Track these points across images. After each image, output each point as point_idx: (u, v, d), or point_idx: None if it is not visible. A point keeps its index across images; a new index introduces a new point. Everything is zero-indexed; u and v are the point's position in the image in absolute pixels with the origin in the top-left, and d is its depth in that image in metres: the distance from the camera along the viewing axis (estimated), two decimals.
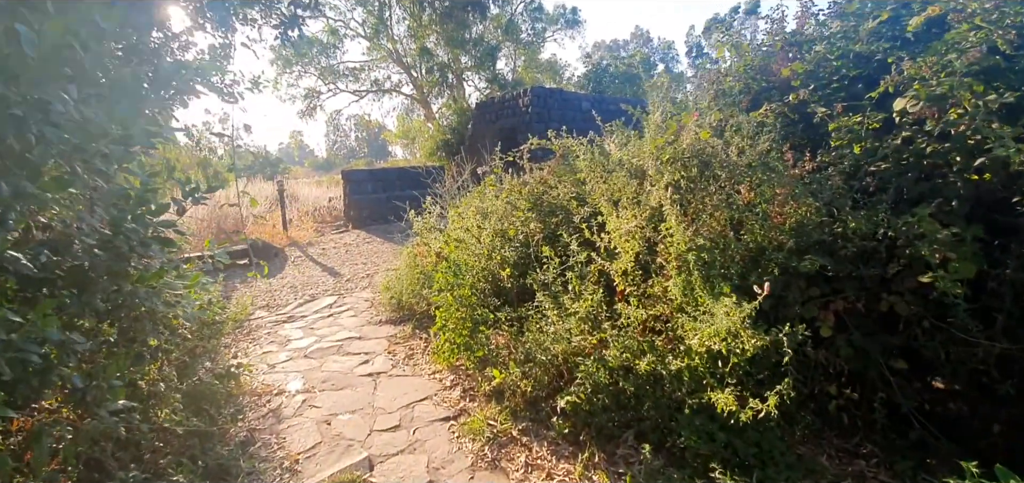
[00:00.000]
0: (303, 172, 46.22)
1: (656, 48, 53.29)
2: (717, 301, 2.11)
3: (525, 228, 4.10)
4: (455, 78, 24.70)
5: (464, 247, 4.13)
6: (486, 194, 4.59)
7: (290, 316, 5.10)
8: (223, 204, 12.42)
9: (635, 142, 3.10)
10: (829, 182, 2.28)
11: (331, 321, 4.82)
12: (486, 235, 4.10)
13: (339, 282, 6.63)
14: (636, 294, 2.73)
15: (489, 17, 23.95)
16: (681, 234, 2.26)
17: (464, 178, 6.65)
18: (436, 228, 4.37)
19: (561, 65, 30.85)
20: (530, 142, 4.32)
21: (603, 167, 3.23)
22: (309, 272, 7.48)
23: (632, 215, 2.71)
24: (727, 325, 1.97)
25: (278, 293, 6.32)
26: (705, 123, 2.56)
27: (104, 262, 1.65)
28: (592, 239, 3.17)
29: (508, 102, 14.21)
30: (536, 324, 3.30)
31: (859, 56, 2.64)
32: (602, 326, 2.82)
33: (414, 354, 3.82)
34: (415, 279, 4.89)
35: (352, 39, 25.54)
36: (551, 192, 4.34)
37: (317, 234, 11.23)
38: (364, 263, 7.80)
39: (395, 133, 28.94)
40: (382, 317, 4.79)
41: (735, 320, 1.94)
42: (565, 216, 3.96)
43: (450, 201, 6.26)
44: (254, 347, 4.24)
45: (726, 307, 2.03)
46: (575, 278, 3.12)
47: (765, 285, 1.83)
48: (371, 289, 6.10)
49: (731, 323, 1.94)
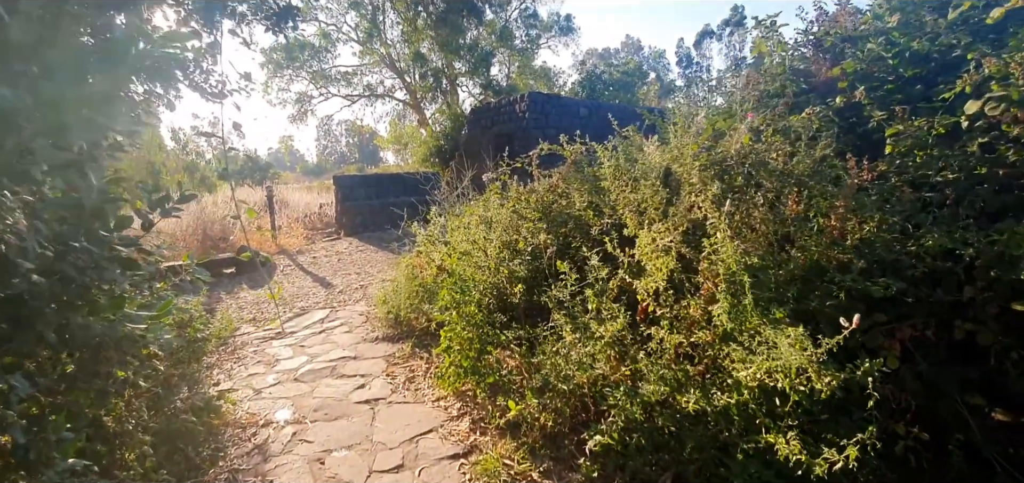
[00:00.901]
0: (293, 177, 45.60)
1: (647, 57, 53.64)
2: (776, 329, 1.83)
3: (534, 240, 3.81)
4: (449, 84, 24.44)
5: (469, 260, 3.83)
6: (490, 202, 4.29)
7: (279, 332, 4.75)
8: (211, 210, 12.02)
9: (675, 144, 2.82)
10: (899, 194, 2.02)
11: (323, 338, 4.48)
12: (493, 247, 3.80)
13: (331, 294, 6.28)
14: (668, 316, 2.45)
15: (484, 22, 23.75)
16: (732, 251, 1.98)
17: (464, 185, 6.35)
18: (439, 240, 4.06)
19: (555, 72, 30.74)
20: (540, 147, 4.03)
21: (629, 174, 2.95)
22: (299, 282, 7.12)
23: (666, 228, 2.42)
24: (796, 361, 1.68)
25: (266, 306, 5.95)
26: (742, 127, 2.29)
27: (47, 289, 1.33)
28: (614, 254, 2.88)
29: (504, 107, 13.95)
30: (551, 346, 3.01)
31: (916, 55, 2.39)
32: (630, 352, 2.53)
33: (415, 377, 3.50)
34: (414, 292, 4.57)
35: (345, 43, 25.25)
36: (561, 201, 4.06)
37: (308, 242, 10.85)
38: (358, 273, 7.45)
39: (387, 138, 28.59)
40: (378, 333, 4.46)
41: (807, 356, 1.65)
42: (579, 227, 3.68)
43: (449, 209, 5.96)
44: (239, 368, 3.88)
45: (790, 338, 1.74)
46: (594, 296, 2.83)
47: (855, 318, 1.55)
48: (366, 302, 5.76)
49: (802, 359, 1.65)
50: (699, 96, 44.29)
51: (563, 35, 29.86)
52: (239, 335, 4.75)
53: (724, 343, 2.12)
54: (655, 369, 2.24)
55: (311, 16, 23.93)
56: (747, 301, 1.94)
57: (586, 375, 2.51)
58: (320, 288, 6.63)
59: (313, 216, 13.56)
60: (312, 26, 24.13)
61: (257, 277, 7.71)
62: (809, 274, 2.12)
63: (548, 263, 3.42)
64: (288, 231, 11.95)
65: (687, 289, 2.48)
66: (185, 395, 2.77)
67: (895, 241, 1.94)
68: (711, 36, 49.77)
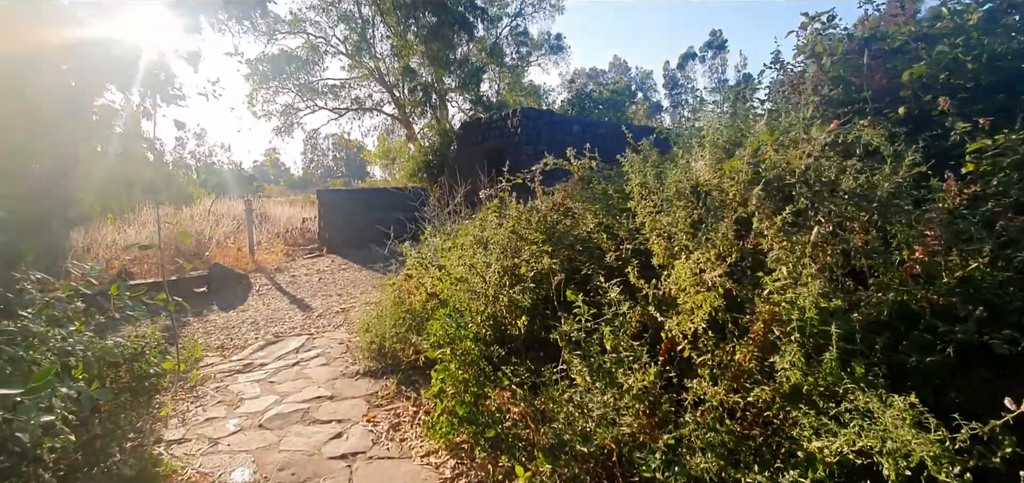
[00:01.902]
0: (278, 190, 44.73)
1: (634, 77, 54.27)
2: (871, 393, 1.42)
3: (537, 264, 3.39)
4: (438, 99, 24.12)
5: (464, 287, 3.39)
6: (488, 222, 3.87)
7: (247, 364, 4.22)
8: (187, 224, 11.39)
9: (710, 160, 2.43)
10: (1007, 221, 1.64)
11: (297, 372, 3.97)
12: (492, 273, 3.37)
13: (309, 318, 5.76)
14: (710, 364, 2.03)
15: (475, 38, 23.58)
16: (815, 291, 1.57)
17: (456, 202, 5.92)
18: (431, 263, 3.61)
19: (545, 90, 30.69)
20: (544, 161, 3.63)
21: (659, 194, 2.54)
22: (275, 304, 6.58)
23: (708, 258, 2.02)
24: (913, 443, 1.26)
25: (237, 330, 5.41)
26: (821, 137, 1.91)
27: None
28: (637, 284, 2.47)
29: (495, 123, 13.63)
30: (562, 391, 2.57)
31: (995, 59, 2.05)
32: (662, 407, 2.10)
33: (401, 423, 3.02)
34: (401, 319, 4.09)
35: (333, 56, 24.81)
36: (566, 221, 3.65)
37: (287, 259, 10.28)
38: (339, 294, 6.93)
39: (375, 153, 28.09)
40: (359, 367, 3.97)
41: (930, 441, 1.24)
42: (589, 251, 3.26)
43: (441, 227, 5.52)
44: (196, 410, 3.36)
45: (896, 408, 1.33)
46: (610, 332, 2.41)
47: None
48: (346, 328, 5.26)
49: (927, 446, 1.24)
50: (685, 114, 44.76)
51: (553, 54, 29.86)
52: (202, 366, 4.21)
53: (791, 404, 1.70)
54: (701, 434, 1.81)
55: (300, 29, 23.55)
56: (830, 355, 1.53)
57: (610, 434, 2.07)
58: (297, 311, 6.10)
59: (295, 231, 12.99)
60: (300, 38, 23.73)
61: (231, 297, 7.16)
62: (893, 320, 1.72)
63: (555, 292, 3.00)
64: (268, 247, 11.37)
65: (730, 331, 2.06)
66: (118, 457, 2.26)
67: (1012, 281, 1.55)
68: (694, 58, 50.53)
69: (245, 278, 8.12)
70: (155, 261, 9.12)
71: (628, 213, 3.14)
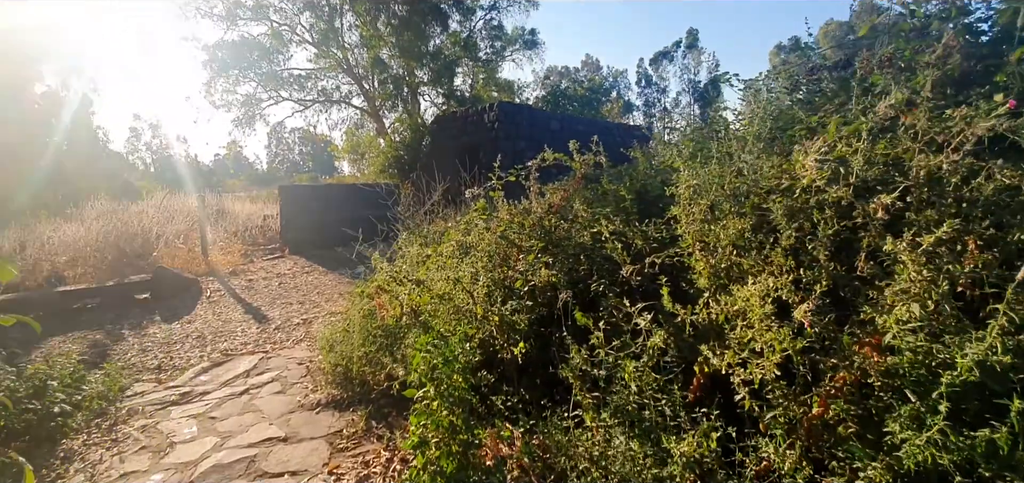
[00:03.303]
0: (240, 185, 42.75)
1: (607, 76, 54.36)
2: None
3: (534, 277, 2.88)
4: (410, 92, 23.28)
5: (449, 305, 2.85)
6: (475, 225, 3.33)
7: (185, 392, 3.56)
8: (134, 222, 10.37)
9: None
10: None
11: (245, 403, 3.34)
12: (480, 287, 2.84)
13: (265, 331, 5.08)
14: (781, 422, 1.56)
15: (449, 31, 22.86)
16: (992, 337, 1.11)
17: (433, 200, 5.34)
18: (408, 278, 3.05)
19: (519, 86, 30.19)
20: (542, 155, 3.12)
21: (707, 196, 2.05)
22: (228, 313, 5.85)
23: (783, 283, 1.54)
24: None
25: (179, 347, 4.70)
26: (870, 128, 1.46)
27: None
28: (673, 310, 1.98)
29: (471, 118, 13.04)
30: (572, 440, 2.09)
31: None
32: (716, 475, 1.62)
33: (371, 477, 2.46)
34: (371, 336, 3.52)
35: (298, 45, 23.64)
36: (563, 225, 3.15)
37: (245, 260, 9.45)
38: (301, 302, 6.24)
39: (343, 148, 27.01)
40: (321, 395, 3.37)
41: None
42: (596, 263, 2.78)
43: (415, 229, 4.94)
44: (111, 460, 2.70)
45: None
46: (633, 369, 1.94)
47: None
48: (308, 343, 4.62)
49: None
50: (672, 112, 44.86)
51: (527, 49, 29.33)
52: (129, 397, 3.52)
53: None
54: None
55: (263, 15, 22.31)
56: (1000, 434, 1.07)
57: None
58: (252, 323, 5.40)
59: (255, 230, 12.08)
60: (263, 25, 22.48)
61: (177, 306, 6.38)
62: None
63: (562, 312, 2.49)
64: (224, 247, 10.47)
65: (801, 376, 1.60)
66: None
67: None
68: (666, 57, 51.01)
69: (195, 283, 7.31)
70: (92, 264, 8.18)
71: (642, 217, 2.66)
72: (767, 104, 2.11)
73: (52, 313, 6.11)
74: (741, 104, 3.44)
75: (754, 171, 1.83)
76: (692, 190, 1.95)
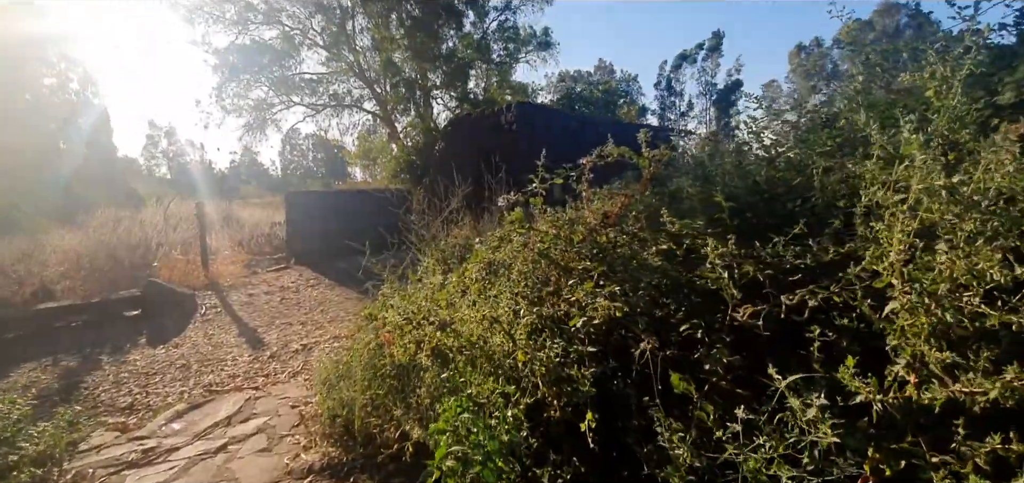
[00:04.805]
0: (254, 191, 42.60)
1: (620, 80, 53.43)
2: None
3: (590, 311, 2.13)
4: (422, 95, 22.70)
5: (481, 355, 2.12)
6: (511, 240, 2.60)
7: (150, 449, 2.87)
8: (136, 230, 9.83)
9: None
10: None
11: (219, 468, 2.64)
12: (522, 327, 2.11)
13: (259, 359, 4.40)
14: None
15: (463, 32, 22.28)
16: None
17: (452, 207, 4.63)
18: (428, 317, 2.33)
19: (533, 88, 29.48)
20: (600, 149, 2.38)
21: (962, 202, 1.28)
22: (220, 335, 5.19)
23: None
24: None
25: (158, 380, 4.04)
26: None
27: None
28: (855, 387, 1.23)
29: (487, 119, 12.35)
30: None
31: None
32: None
33: None
34: (379, 376, 2.81)
35: (309, 48, 23.20)
36: (621, 239, 2.41)
37: (248, 271, 8.83)
38: (302, 322, 5.56)
39: (355, 153, 26.54)
40: (315, 458, 2.66)
41: None
42: (682, 295, 2.04)
43: (431, 241, 4.22)
44: None
45: None
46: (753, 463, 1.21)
47: None
48: (306, 376, 3.93)
49: None
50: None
51: (541, 50, 28.61)
52: (82, 453, 2.85)
53: None
54: None
55: (274, 19, 21.96)
56: None
57: None
58: (245, 348, 4.73)
59: (261, 237, 11.51)
60: (274, 29, 22.12)
61: (167, 325, 5.74)
62: None
63: (651, 367, 1.74)
64: (229, 256, 9.89)
65: None
66: None
67: None
68: (687, 60, 49.98)
69: (190, 298, 6.68)
70: (84, 277, 7.62)
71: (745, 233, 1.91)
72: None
73: (31, 333, 5.51)
74: (758, 113, 2.70)
75: None
76: (926, 194, 1.17)
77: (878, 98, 2.25)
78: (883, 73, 2.20)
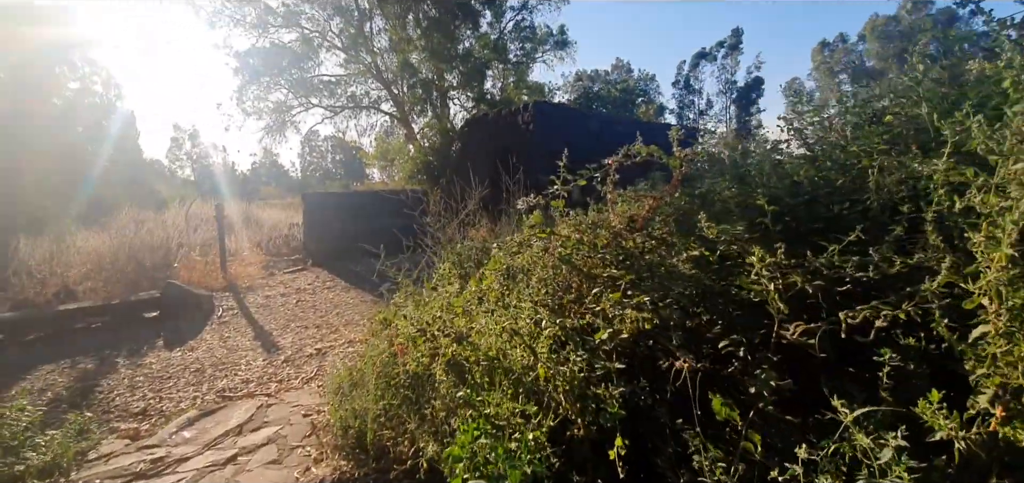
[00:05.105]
0: (275, 192, 43.23)
1: (638, 79, 52.81)
2: None
3: (617, 323, 1.96)
4: (439, 96, 22.69)
5: (500, 371, 1.98)
6: (530, 245, 2.46)
7: (159, 458, 2.80)
8: (158, 232, 9.95)
9: None
10: None
11: (230, 478, 2.55)
12: (544, 340, 1.97)
13: (273, 364, 4.33)
14: None
15: (479, 32, 22.21)
16: None
17: (468, 209, 4.50)
18: (444, 331, 2.21)
19: (550, 88, 29.26)
20: (627, 149, 2.22)
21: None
22: (235, 339, 5.16)
23: None
24: None
25: (173, 384, 4.00)
26: None
27: None
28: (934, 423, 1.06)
29: (504, 119, 12.22)
30: None
31: None
32: None
33: None
34: (392, 385, 2.69)
35: (328, 50, 23.37)
36: (649, 243, 2.25)
37: (266, 273, 8.85)
38: (317, 325, 5.50)
39: (373, 154, 26.66)
40: (326, 472, 2.56)
41: None
42: (717, 305, 1.87)
43: (447, 244, 4.10)
44: None
45: None
46: None
47: None
48: (318, 382, 3.84)
49: None
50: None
51: (558, 49, 28.37)
52: (90, 463, 2.79)
53: None
54: None
55: (293, 22, 22.19)
56: None
57: None
58: (260, 351, 4.68)
59: (279, 239, 11.57)
60: (293, 32, 22.34)
61: (184, 327, 5.74)
62: None
63: (691, 385, 1.58)
64: (247, 258, 9.94)
65: None
66: None
67: None
68: (706, 58, 49.15)
69: (208, 300, 6.69)
70: (106, 278, 7.71)
71: (790, 240, 1.73)
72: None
73: (51, 334, 5.56)
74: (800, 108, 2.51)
75: None
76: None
77: (934, 91, 2.05)
78: (945, 66, 1.99)
